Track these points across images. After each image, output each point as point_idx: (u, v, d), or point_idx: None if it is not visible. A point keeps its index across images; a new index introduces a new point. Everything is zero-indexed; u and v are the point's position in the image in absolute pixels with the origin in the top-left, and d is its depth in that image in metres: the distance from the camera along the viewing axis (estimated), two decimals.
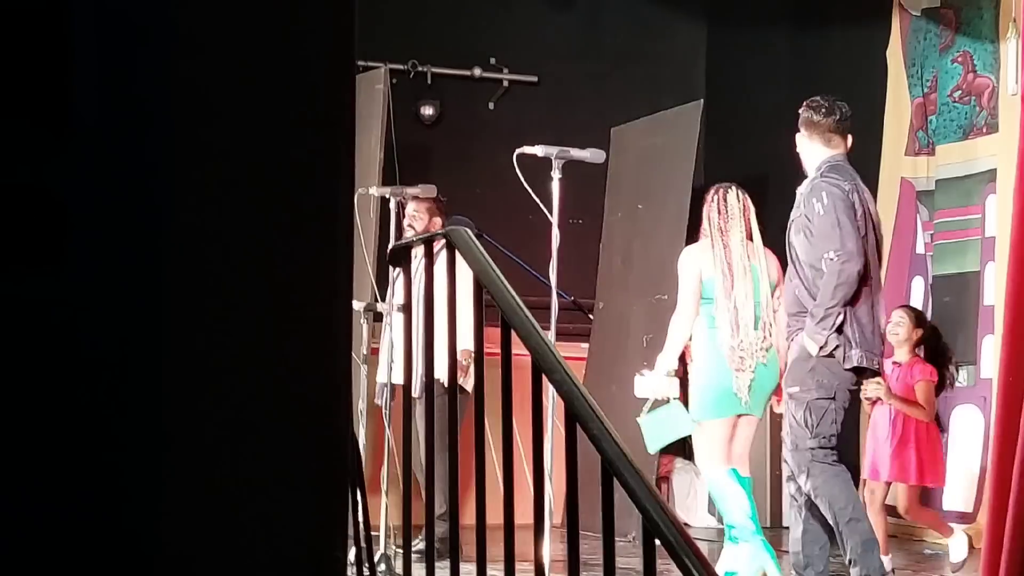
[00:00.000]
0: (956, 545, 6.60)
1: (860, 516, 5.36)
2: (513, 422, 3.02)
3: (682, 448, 10.02)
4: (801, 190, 5.71)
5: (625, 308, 9.08)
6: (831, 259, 5.37)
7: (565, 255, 5.36)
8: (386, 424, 5.95)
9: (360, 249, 6.51)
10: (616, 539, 4.21)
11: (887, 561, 5.84)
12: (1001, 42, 7.91)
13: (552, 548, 4.94)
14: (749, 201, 6.52)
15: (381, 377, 6.23)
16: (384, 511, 5.89)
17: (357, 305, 6.52)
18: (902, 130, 8.77)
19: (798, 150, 5.86)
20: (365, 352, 6.56)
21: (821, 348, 5.38)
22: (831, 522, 5.36)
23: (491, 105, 10.34)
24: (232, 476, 1.66)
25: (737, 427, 6.26)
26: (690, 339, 6.36)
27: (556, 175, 5.22)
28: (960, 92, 8.40)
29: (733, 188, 6.51)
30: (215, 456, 1.65)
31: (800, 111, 5.87)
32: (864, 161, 8.86)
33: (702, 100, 9.14)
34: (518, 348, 2.93)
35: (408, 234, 6.83)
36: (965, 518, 7.78)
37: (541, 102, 10.28)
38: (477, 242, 3.10)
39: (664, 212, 8.91)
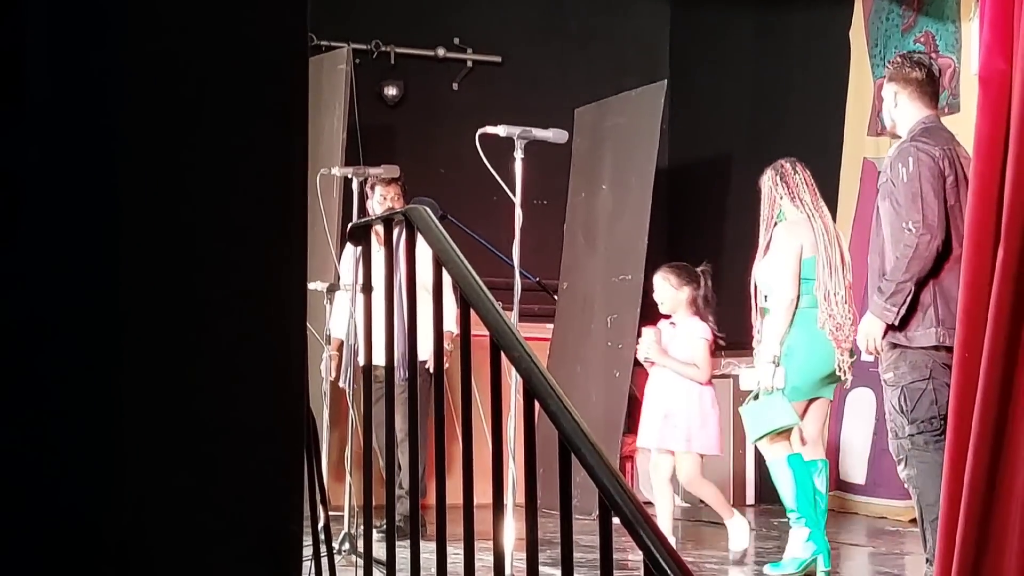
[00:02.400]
0: (736, 529, 6.53)
1: None
2: (477, 402, 3.03)
3: None
4: (890, 153, 5.37)
5: (589, 289, 9.10)
6: (909, 230, 5.06)
7: (529, 236, 5.36)
8: (350, 405, 5.95)
9: (323, 229, 6.49)
10: (580, 517, 4.25)
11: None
12: (963, 22, 7.96)
13: (515, 527, 4.97)
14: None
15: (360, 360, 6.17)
16: (348, 491, 5.90)
17: (320, 286, 6.52)
18: (864, 110, 8.81)
19: (886, 109, 5.46)
20: (328, 333, 6.57)
21: (891, 327, 5.10)
22: (916, 515, 5.11)
23: (455, 85, 10.33)
24: (188, 451, 1.66)
25: (809, 410, 6.08)
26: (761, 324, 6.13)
27: (519, 155, 5.22)
28: None
29: (798, 162, 6.23)
30: (171, 431, 1.66)
31: (893, 65, 5.45)
32: (826, 142, 8.94)
33: (666, 80, 9.15)
34: (479, 329, 2.93)
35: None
36: (857, 490, 8.22)
37: (505, 82, 10.28)
38: (436, 221, 3.11)
39: (628, 193, 8.93)
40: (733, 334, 9.81)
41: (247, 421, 1.68)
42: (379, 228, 3.16)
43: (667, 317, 6.83)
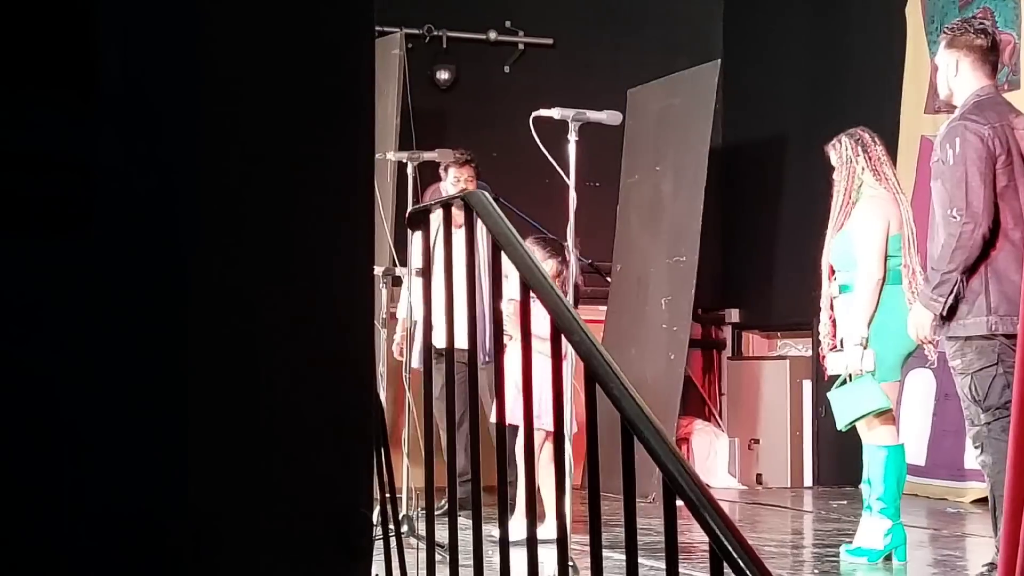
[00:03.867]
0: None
1: None
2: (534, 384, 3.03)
3: (701, 409, 10.07)
4: (940, 130, 5.18)
5: (643, 270, 9.08)
6: (953, 218, 4.90)
7: (582, 218, 5.35)
8: (406, 388, 5.98)
9: (378, 213, 6.52)
10: (637, 500, 4.24)
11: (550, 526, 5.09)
12: None
13: (573, 509, 4.97)
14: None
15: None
16: (406, 473, 5.92)
17: (376, 269, 6.55)
18: (921, 88, 8.72)
19: (941, 77, 5.22)
20: (384, 316, 6.59)
21: (943, 318, 4.97)
22: (990, 504, 4.97)
23: (507, 68, 10.33)
24: (260, 437, 1.68)
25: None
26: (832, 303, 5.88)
27: (572, 138, 5.21)
28: None
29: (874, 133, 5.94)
30: (241, 418, 1.67)
31: (953, 31, 5.20)
32: (883, 120, 8.86)
33: (719, 61, 9.11)
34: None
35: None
36: (919, 471, 8.09)
37: (557, 65, 10.26)
38: (495, 205, 3.11)
39: (682, 174, 8.90)
40: (789, 315, 9.78)
41: (315, 408, 1.69)
42: (456, 211, 3.16)
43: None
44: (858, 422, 5.79)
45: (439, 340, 3.60)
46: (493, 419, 3.83)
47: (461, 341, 3.04)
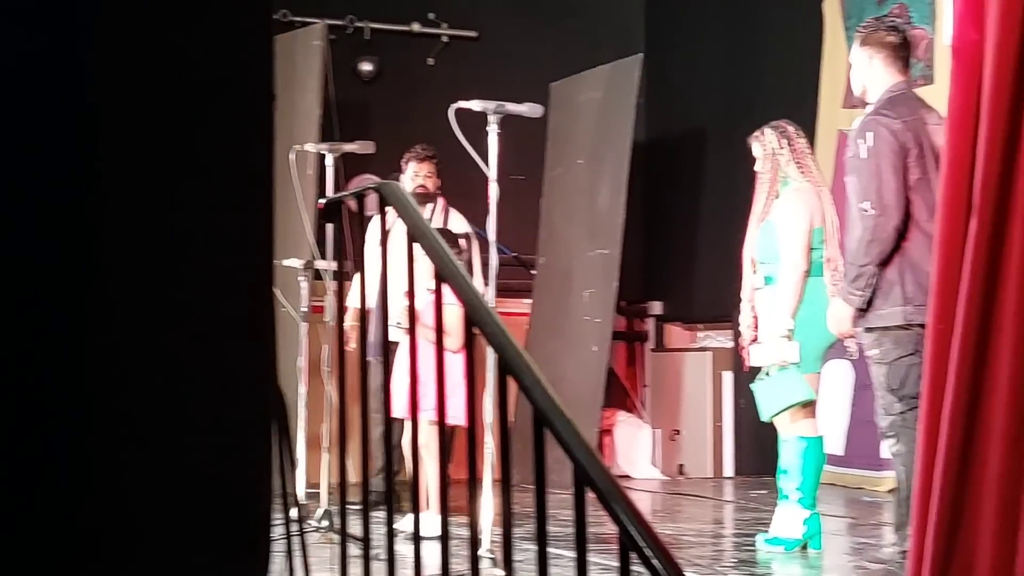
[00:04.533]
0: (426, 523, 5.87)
1: None
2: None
3: (624, 401, 10.12)
4: (854, 125, 5.27)
5: (566, 263, 9.10)
6: (866, 211, 4.98)
7: (507, 211, 5.35)
8: (325, 383, 5.95)
9: (298, 206, 6.47)
10: (558, 492, 4.26)
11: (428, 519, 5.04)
12: None
13: (496, 503, 4.98)
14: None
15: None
16: (326, 468, 5.90)
17: (296, 262, 6.50)
18: (839, 82, 8.80)
19: (855, 74, 5.30)
20: (305, 309, 6.55)
21: (860, 310, 5.04)
22: (903, 491, 5.03)
23: (430, 61, 10.30)
24: (156, 432, 1.65)
25: None
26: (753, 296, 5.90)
27: (493, 130, 5.22)
28: None
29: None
30: (137, 412, 1.65)
31: (866, 29, 5.29)
32: (801, 114, 8.95)
33: (641, 54, 9.14)
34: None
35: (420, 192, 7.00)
36: (838, 461, 8.19)
37: (480, 57, 10.25)
38: (409, 196, 3.10)
39: (604, 167, 8.93)
40: (710, 307, 9.86)
41: (213, 402, 1.67)
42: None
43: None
44: (782, 414, 5.83)
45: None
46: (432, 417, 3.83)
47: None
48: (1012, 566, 3.56)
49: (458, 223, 6.95)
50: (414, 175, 7.10)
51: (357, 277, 6.21)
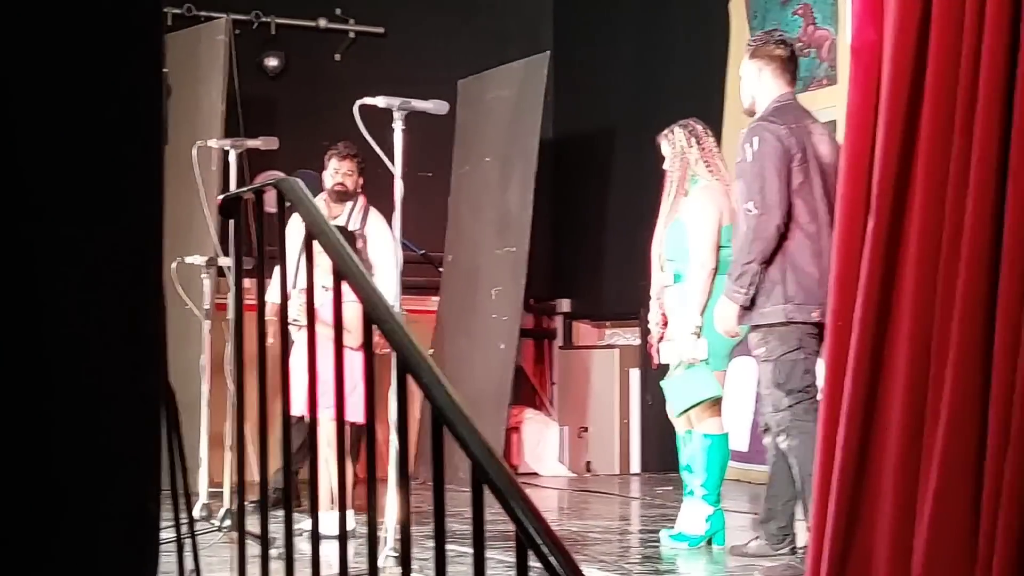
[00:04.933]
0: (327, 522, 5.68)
1: None
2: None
3: (532, 398, 10.13)
4: (742, 132, 5.38)
5: (474, 261, 9.09)
6: (749, 212, 5.10)
7: (415, 208, 5.34)
8: (228, 382, 5.88)
9: (201, 202, 6.40)
10: (464, 490, 4.24)
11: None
12: None
13: (393, 500, 4.95)
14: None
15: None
16: (228, 467, 5.83)
17: (199, 259, 6.43)
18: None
19: (745, 86, 5.46)
20: (208, 307, 6.48)
21: (744, 308, 5.14)
22: (797, 485, 5.16)
23: (337, 57, 10.23)
24: (38, 430, 1.62)
25: None
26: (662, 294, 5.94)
27: (399, 127, 5.20)
28: (800, 44, 8.54)
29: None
30: (20, 410, 1.61)
31: (756, 42, 5.47)
32: (707, 114, 9.02)
33: (549, 52, 9.15)
34: None
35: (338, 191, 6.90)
36: (742, 457, 8.30)
37: (388, 54, 10.20)
38: (308, 193, 3.07)
39: (512, 164, 8.93)
40: (618, 305, 9.90)
41: (99, 398, 1.64)
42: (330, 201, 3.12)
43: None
44: (691, 410, 5.86)
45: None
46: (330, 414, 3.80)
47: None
48: (908, 563, 3.62)
49: (376, 223, 6.88)
50: (334, 172, 7.03)
51: (277, 271, 6.16)
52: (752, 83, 5.41)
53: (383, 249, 6.61)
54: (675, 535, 5.89)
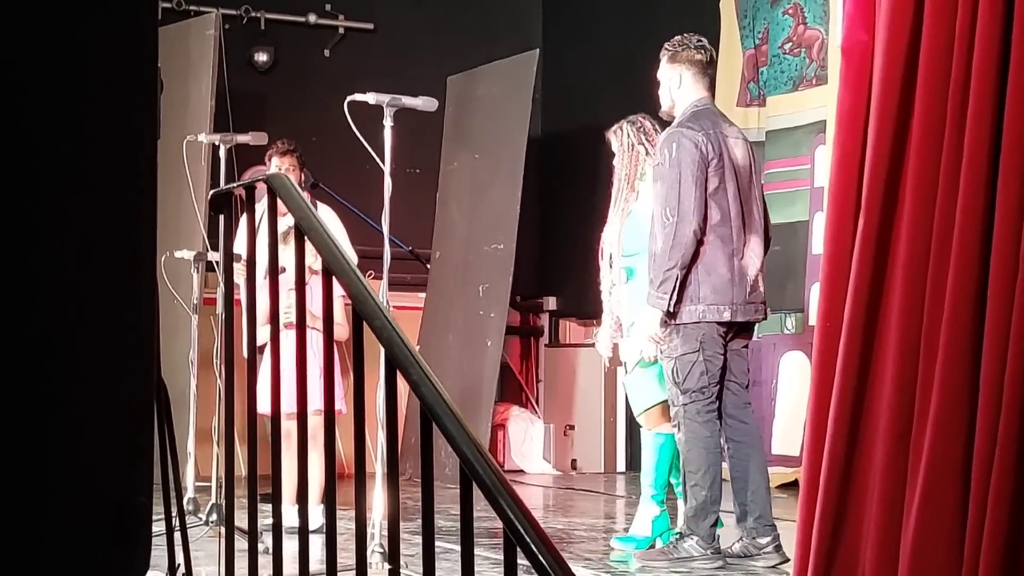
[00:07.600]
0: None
1: (705, 484, 5.23)
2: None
3: (518, 395, 10.13)
4: (660, 138, 5.49)
5: (461, 258, 9.09)
6: (667, 219, 5.23)
7: (403, 205, 5.33)
8: (217, 376, 5.86)
9: (190, 197, 6.38)
10: (451, 487, 4.24)
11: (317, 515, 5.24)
12: None
13: (381, 496, 4.95)
14: None
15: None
16: (216, 462, 5.82)
17: (187, 254, 6.41)
18: (733, 81, 8.90)
19: (664, 90, 5.56)
20: (196, 301, 6.46)
21: (668, 314, 5.27)
22: (682, 477, 5.41)
23: (326, 52, 10.22)
24: (29, 423, 1.61)
25: None
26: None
27: (388, 123, 5.20)
28: (791, 44, 8.56)
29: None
30: (11, 404, 1.60)
31: (677, 46, 5.55)
32: None
33: (538, 50, 9.15)
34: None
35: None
36: (791, 461, 7.97)
37: (377, 50, 10.19)
38: (298, 188, 3.06)
39: (500, 162, 8.93)
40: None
41: (91, 391, 1.63)
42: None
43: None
44: (651, 410, 5.80)
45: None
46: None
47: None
48: (895, 564, 3.62)
49: (327, 217, 6.87)
50: (276, 169, 7.02)
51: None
52: (672, 87, 5.54)
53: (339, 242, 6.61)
54: (623, 538, 5.85)
